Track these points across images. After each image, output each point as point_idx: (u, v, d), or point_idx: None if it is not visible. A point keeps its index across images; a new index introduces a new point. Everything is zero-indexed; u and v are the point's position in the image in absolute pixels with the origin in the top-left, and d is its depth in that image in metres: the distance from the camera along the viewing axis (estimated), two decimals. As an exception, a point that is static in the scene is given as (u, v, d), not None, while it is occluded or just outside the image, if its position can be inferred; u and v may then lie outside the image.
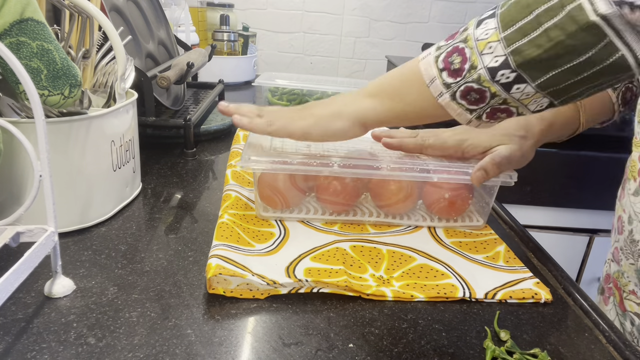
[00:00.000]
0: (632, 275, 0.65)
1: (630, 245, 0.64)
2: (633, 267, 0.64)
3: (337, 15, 1.81)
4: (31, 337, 0.38)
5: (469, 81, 0.42)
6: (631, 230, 0.64)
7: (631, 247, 0.64)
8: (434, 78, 0.44)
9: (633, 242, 0.64)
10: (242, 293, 0.45)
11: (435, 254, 0.55)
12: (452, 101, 0.44)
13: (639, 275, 0.63)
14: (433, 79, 0.44)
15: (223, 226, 0.54)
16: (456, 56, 0.42)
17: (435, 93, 0.44)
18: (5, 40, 0.47)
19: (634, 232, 0.63)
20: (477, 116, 0.44)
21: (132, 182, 0.63)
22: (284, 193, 0.58)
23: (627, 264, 0.65)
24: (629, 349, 0.42)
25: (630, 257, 0.64)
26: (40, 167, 0.39)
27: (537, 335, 0.43)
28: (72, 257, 0.49)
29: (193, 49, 1.09)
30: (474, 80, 0.41)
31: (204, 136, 0.91)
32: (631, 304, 0.65)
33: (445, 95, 0.44)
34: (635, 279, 0.64)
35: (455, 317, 0.45)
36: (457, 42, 0.43)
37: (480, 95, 0.42)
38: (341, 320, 0.43)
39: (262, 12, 1.79)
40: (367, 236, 0.58)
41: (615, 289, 0.69)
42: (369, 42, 1.86)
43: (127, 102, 0.59)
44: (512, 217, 0.67)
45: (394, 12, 1.83)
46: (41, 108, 0.38)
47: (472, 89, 0.42)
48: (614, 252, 0.70)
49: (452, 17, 1.83)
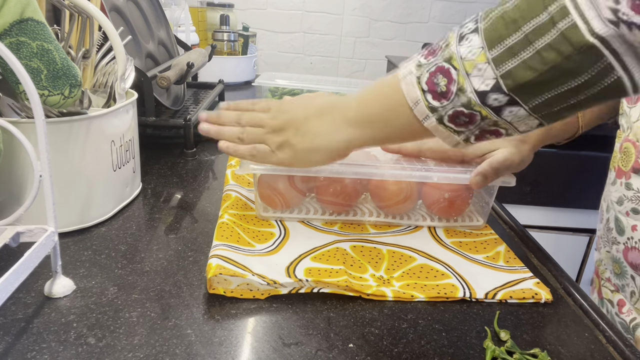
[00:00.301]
0: (608, 263, 0.66)
1: (607, 233, 0.65)
2: (608, 255, 0.65)
3: (337, 15, 1.81)
4: (31, 337, 0.38)
5: (458, 105, 0.39)
6: (608, 219, 0.65)
7: (607, 234, 0.65)
8: (418, 101, 0.41)
9: (609, 229, 0.65)
10: (242, 293, 0.45)
11: (436, 254, 0.55)
12: (440, 124, 0.41)
13: (613, 262, 0.64)
14: (417, 102, 0.42)
15: (223, 226, 0.54)
16: (441, 77, 0.40)
17: (421, 116, 0.42)
18: (5, 40, 0.47)
19: (610, 220, 0.64)
20: (466, 138, 0.42)
21: (132, 182, 0.63)
22: (284, 193, 0.58)
23: (604, 252, 0.67)
24: (629, 349, 0.42)
25: (607, 245, 0.65)
26: (40, 167, 0.39)
27: (537, 335, 0.43)
28: (72, 257, 0.49)
29: (193, 49, 1.09)
30: (463, 104, 0.39)
31: (203, 136, 0.91)
32: (607, 291, 0.66)
33: (431, 119, 0.41)
34: (610, 266, 0.65)
35: (455, 317, 0.45)
36: (440, 61, 0.40)
37: (470, 119, 0.40)
38: (341, 320, 0.43)
39: (262, 12, 1.79)
40: (367, 236, 0.58)
41: (595, 277, 0.70)
42: (369, 42, 1.86)
43: (127, 102, 0.59)
44: (512, 217, 0.67)
45: (394, 12, 1.83)
46: (41, 108, 0.38)
47: (461, 112, 0.39)
48: (596, 240, 0.71)
49: (452, 17, 1.83)
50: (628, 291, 0.62)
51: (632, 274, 0.61)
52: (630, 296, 0.62)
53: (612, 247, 0.64)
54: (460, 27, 0.40)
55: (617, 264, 0.63)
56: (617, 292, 0.65)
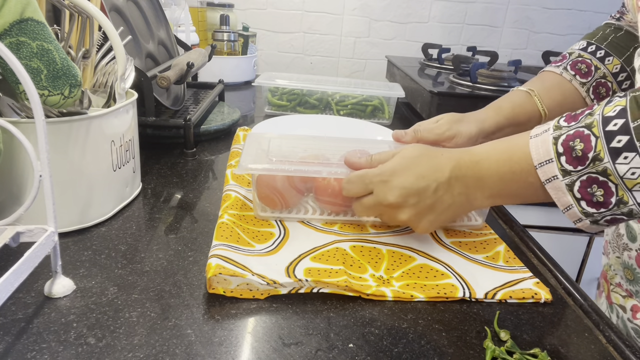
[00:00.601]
0: (618, 268, 0.65)
1: (617, 239, 0.65)
2: (619, 260, 0.65)
3: (337, 15, 1.81)
4: (31, 337, 0.38)
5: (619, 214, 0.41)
6: (618, 225, 0.65)
7: (617, 240, 0.65)
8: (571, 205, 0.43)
9: (619, 235, 0.64)
10: (242, 293, 0.45)
11: (435, 253, 0.55)
12: None
13: (624, 267, 0.64)
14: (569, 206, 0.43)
15: (223, 226, 0.54)
16: (597, 188, 0.41)
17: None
18: (5, 40, 0.47)
19: (620, 226, 0.64)
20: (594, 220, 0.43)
21: (132, 182, 0.63)
22: (283, 193, 0.58)
23: (614, 257, 0.66)
24: (629, 349, 0.42)
25: (616, 250, 0.65)
26: (40, 167, 0.39)
27: (537, 335, 0.43)
28: (72, 257, 0.49)
29: (193, 49, 1.09)
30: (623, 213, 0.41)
31: (204, 136, 0.91)
32: (617, 296, 0.66)
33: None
34: (620, 271, 0.65)
35: (455, 317, 0.45)
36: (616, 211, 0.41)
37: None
38: (341, 320, 0.43)
39: (262, 12, 1.79)
40: (367, 236, 0.58)
41: (604, 281, 0.70)
42: (369, 42, 1.86)
43: (127, 102, 0.59)
44: (512, 217, 0.67)
45: (394, 12, 1.83)
46: (41, 108, 0.38)
47: None
48: (604, 245, 0.70)
49: (452, 17, 1.83)
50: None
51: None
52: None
53: (624, 253, 0.63)
54: (609, 139, 0.41)
55: (629, 269, 0.63)
56: (630, 297, 0.64)
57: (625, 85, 0.68)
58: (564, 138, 0.43)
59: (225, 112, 1.02)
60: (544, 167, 0.44)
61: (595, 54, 0.69)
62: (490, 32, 1.86)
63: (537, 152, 0.44)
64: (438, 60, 1.59)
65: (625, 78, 0.68)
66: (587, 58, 0.69)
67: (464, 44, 1.87)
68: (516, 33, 1.88)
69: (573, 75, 0.69)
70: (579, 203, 0.42)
